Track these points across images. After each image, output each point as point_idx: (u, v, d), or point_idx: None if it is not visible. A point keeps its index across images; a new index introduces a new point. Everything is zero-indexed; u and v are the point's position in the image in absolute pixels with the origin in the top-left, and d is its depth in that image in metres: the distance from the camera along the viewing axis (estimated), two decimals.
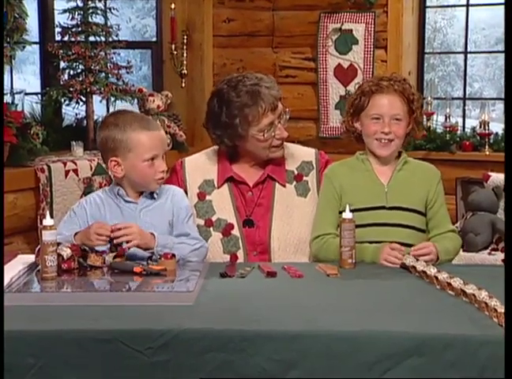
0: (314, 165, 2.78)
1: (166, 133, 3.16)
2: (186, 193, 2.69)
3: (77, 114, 4.39)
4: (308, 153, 2.82)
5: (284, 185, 2.73)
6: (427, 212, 2.61)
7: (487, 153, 4.54)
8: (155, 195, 2.51)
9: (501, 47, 5.38)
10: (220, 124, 2.66)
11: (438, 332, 1.80)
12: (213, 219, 2.69)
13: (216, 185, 2.73)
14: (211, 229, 2.68)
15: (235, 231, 2.67)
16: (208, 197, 2.72)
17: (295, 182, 2.75)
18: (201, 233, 2.61)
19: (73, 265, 2.26)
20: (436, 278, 2.16)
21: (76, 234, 2.38)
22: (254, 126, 2.63)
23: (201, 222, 2.69)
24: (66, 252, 2.25)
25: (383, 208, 2.57)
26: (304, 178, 2.75)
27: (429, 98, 4.78)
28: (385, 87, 2.57)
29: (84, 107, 4.25)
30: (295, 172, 2.76)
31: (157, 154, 2.45)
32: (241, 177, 2.73)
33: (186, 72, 4.74)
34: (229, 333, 1.81)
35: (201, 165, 2.78)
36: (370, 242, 2.50)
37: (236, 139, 2.67)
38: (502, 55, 5.09)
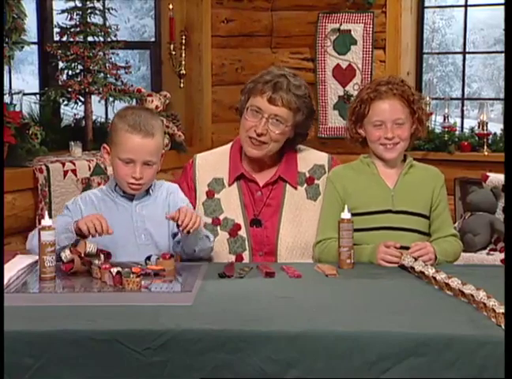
0: (326, 169, 2.76)
1: (164, 133, 3.10)
2: (195, 191, 2.71)
3: (75, 115, 4.38)
4: (321, 157, 2.80)
5: (296, 188, 2.71)
6: (430, 215, 2.61)
7: (486, 153, 4.54)
8: (150, 191, 2.53)
9: (499, 48, 5.38)
10: (245, 87, 2.73)
11: (437, 332, 1.80)
12: (221, 217, 2.69)
13: (225, 184, 2.72)
14: (218, 228, 2.68)
15: (242, 232, 2.67)
16: (216, 196, 2.72)
17: (305, 185, 2.73)
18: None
19: (72, 267, 2.25)
20: (434, 278, 2.17)
21: (76, 222, 2.35)
22: (250, 99, 2.65)
23: (209, 220, 2.68)
24: (65, 253, 2.24)
25: (389, 211, 2.57)
26: (315, 182, 2.74)
27: (427, 98, 4.77)
28: (384, 92, 2.57)
29: (82, 108, 4.25)
30: (307, 175, 2.74)
31: (133, 159, 2.43)
32: (252, 176, 2.72)
33: (184, 72, 4.74)
34: (228, 333, 1.81)
35: (212, 163, 2.77)
36: None
37: (241, 107, 2.71)
38: (501, 55, 5.11)
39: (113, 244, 2.41)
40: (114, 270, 2.11)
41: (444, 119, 4.77)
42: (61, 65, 4.22)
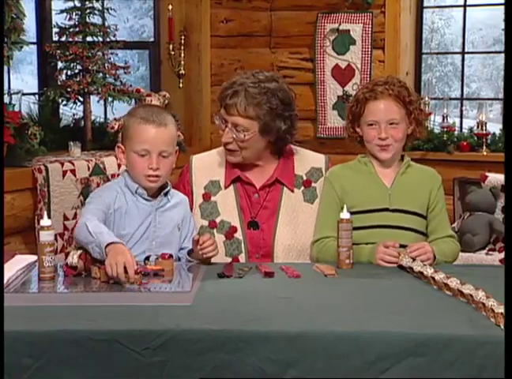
0: (324, 172, 2.76)
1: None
2: (192, 194, 2.72)
3: (74, 115, 4.38)
4: (318, 159, 2.80)
5: (292, 190, 2.72)
6: (427, 216, 2.62)
7: (485, 153, 4.54)
8: (169, 196, 2.53)
9: (498, 48, 5.38)
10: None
11: (436, 332, 1.80)
12: (217, 220, 2.69)
13: (222, 186, 2.72)
14: (214, 231, 2.68)
15: (238, 235, 2.67)
16: (213, 198, 2.71)
17: (302, 188, 2.73)
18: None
19: (73, 274, 2.23)
20: (433, 278, 2.17)
21: (110, 244, 2.19)
22: (220, 109, 2.68)
23: (205, 223, 2.68)
24: (73, 258, 2.23)
25: (386, 210, 2.57)
26: (313, 185, 2.74)
27: (426, 98, 4.78)
28: (380, 92, 2.58)
29: (81, 108, 4.25)
30: (304, 177, 2.74)
31: (149, 150, 2.42)
32: (248, 178, 2.72)
33: (183, 72, 4.75)
34: (227, 333, 1.80)
35: (208, 165, 2.77)
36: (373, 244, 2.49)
37: None
38: (500, 55, 5.11)
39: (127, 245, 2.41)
40: None
41: (443, 119, 4.77)
42: (60, 65, 4.23)
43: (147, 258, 2.33)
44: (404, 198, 2.59)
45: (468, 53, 5.24)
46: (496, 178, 4.22)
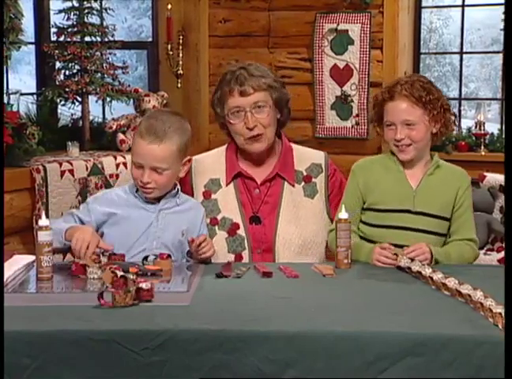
0: (323, 168, 2.78)
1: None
2: (192, 195, 2.72)
3: (72, 115, 4.38)
4: (318, 155, 2.83)
5: (293, 185, 2.73)
6: (451, 217, 2.59)
7: (483, 153, 4.54)
8: (178, 200, 2.54)
9: (496, 48, 5.39)
10: (214, 99, 2.79)
11: (434, 332, 1.80)
12: (218, 217, 2.69)
13: (222, 184, 2.73)
14: (216, 228, 2.68)
15: (241, 231, 2.67)
16: (213, 196, 2.72)
17: (303, 183, 2.75)
18: None
19: (82, 272, 2.24)
20: (431, 278, 2.17)
21: (69, 229, 2.36)
22: (225, 106, 2.69)
23: (207, 220, 2.69)
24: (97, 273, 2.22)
25: (409, 211, 2.55)
26: (313, 180, 2.76)
27: None
28: (396, 93, 2.55)
29: (79, 108, 4.25)
30: (304, 173, 2.76)
31: (142, 164, 2.44)
32: (249, 173, 2.73)
33: (181, 72, 4.74)
34: (225, 333, 1.81)
35: (208, 165, 2.78)
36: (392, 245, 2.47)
37: (221, 119, 2.75)
38: (498, 55, 5.11)
39: (126, 246, 2.43)
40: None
41: None
42: (58, 65, 4.22)
43: (145, 258, 2.33)
44: (429, 200, 2.55)
45: (466, 53, 5.24)
46: (494, 178, 4.22)
